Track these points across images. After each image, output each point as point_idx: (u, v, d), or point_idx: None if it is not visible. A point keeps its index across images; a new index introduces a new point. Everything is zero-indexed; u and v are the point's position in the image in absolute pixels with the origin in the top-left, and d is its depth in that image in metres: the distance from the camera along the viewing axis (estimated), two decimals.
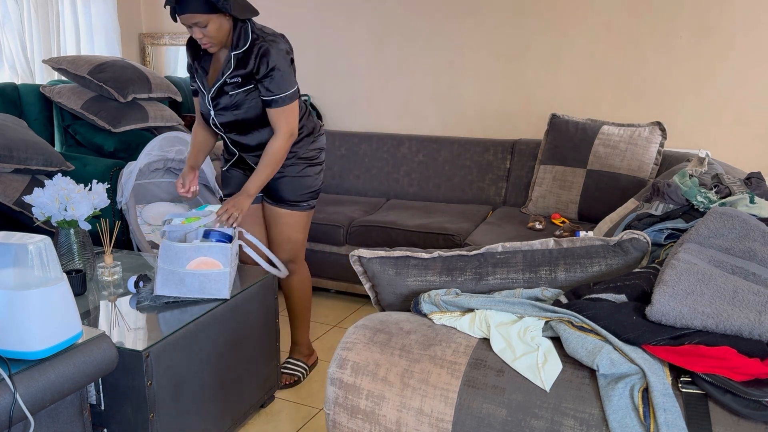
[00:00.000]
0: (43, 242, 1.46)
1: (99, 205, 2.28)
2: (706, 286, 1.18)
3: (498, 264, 1.44)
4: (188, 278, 2.10)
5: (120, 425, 1.88)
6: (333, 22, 4.12)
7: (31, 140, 3.06)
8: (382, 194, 3.90)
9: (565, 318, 1.25)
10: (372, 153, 3.94)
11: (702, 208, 1.73)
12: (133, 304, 2.12)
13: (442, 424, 1.19)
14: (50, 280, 1.46)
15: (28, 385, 1.42)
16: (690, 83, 3.38)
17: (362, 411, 1.27)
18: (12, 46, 3.82)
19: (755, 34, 3.21)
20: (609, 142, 3.12)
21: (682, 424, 1.04)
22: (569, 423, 1.11)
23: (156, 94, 3.87)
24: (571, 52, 3.59)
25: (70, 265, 2.25)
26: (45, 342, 1.46)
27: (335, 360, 1.32)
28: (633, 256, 1.42)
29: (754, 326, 1.12)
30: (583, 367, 1.18)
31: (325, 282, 3.51)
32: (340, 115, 4.24)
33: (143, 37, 4.67)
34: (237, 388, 2.24)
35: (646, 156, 3.03)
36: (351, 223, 3.38)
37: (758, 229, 1.37)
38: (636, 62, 3.46)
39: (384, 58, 4.03)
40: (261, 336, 2.35)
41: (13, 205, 2.92)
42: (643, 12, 3.39)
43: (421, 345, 1.28)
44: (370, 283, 1.52)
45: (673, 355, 1.14)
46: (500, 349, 1.23)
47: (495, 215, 3.32)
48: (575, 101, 3.63)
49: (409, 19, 3.91)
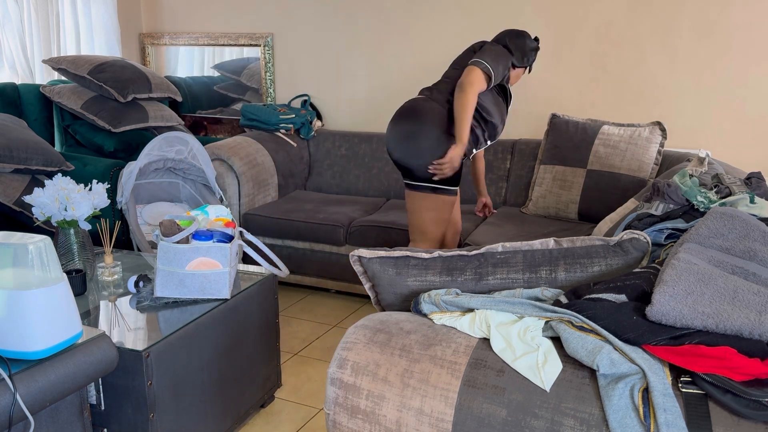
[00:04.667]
0: (43, 242, 1.46)
1: (99, 205, 2.28)
2: (706, 286, 1.18)
3: (498, 264, 1.44)
4: (188, 279, 2.10)
5: (120, 425, 1.88)
6: (333, 22, 4.12)
7: (31, 140, 3.06)
8: (382, 194, 3.90)
9: (566, 318, 1.25)
10: (372, 153, 3.94)
11: (702, 208, 1.73)
12: (133, 304, 2.12)
13: (442, 424, 1.19)
14: (50, 280, 1.46)
15: (28, 385, 1.42)
16: (690, 83, 3.38)
17: (362, 411, 1.27)
18: (12, 46, 3.82)
19: (756, 34, 3.21)
20: (609, 142, 3.11)
21: (682, 424, 1.04)
22: (569, 423, 1.11)
23: (156, 94, 3.87)
24: (571, 52, 3.59)
25: (70, 265, 2.25)
26: (45, 342, 1.46)
27: (335, 360, 1.32)
28: (633, 256, 1.42)
29: (754, 326, 1.12)
30: (583, 367, 1.18)
31: (325, 282, 3.51)
32: (340, 115, 4.24)
33: (143, 37, 4.67)
34: (237, 388, 2.24)
35: (646, 156, 3.03)
36: (351, 223, 3.38)
37: (758, 229, 1.37)
38: (636, 62, 3.46)
39: (384, 58, 4.03)
40: (261, 336, 2.35)
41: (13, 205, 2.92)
42: (643, 12, 3.39)
43: (421, 345, 1.28)
44: (370, 283, 1.52)
45: (674, 355, 1.14)
46: (500, 349, 1.23)
47: (495, 215, 3.32)
48: (575, 101, 3.63)
49: (410, 19, 3.91)
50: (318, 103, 4.27)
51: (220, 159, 3.52)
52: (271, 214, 3.50)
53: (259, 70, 4.37)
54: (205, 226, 2.23)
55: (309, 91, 4.28)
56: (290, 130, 4.02)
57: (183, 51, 4.60)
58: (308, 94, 4.26)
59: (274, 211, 3.53)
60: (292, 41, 4.26)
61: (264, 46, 4.30)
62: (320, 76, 4.24)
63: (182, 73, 4.62)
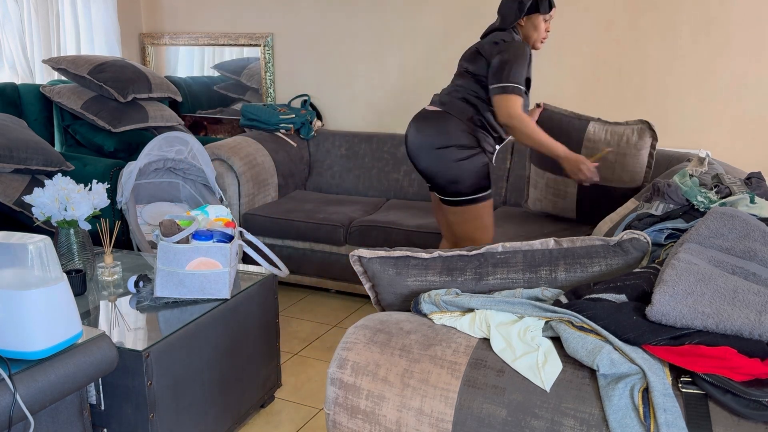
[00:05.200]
0: (43, 242, 1.46)
1: (99, 205, 2.28)
2: (706, 286, 1.18)
3: (498, 264, 1.44)
4: (188, 279, 2.10)
5: (120, 425, 1.88)
6: (333, 22, 4.12)
7: (31, 140, 3.06)
8: (382, 194, 3.90)
9: (566, 318, 1.25)
10: (372, 153, 3.94)
11: (702, 208, 1.73)
12: (133, 304, 2.12)
13: (442, 424, 1.19)
14: (50, 280, 1.46)
15: (28, 385, 1.42)
16: (690, 82, 3.38)
17: (362, 411, 1.27)
18: (12, 46, 3.82)
19: (756, 33, 3.21)
20: (597, 151, 2.91)
21: (682, 424, 1.04)
22: (569, 423, 1.11)
23: (156, 94, 3.87)
24: (571, 52, 3.59)
25: (70, 265, 2.25)
26: (45, 342, 1.46)
27: (335, 360, 1.32)
28: (633, 256, 1.42)
29: (754, 326, 1.12)
30: (583, 367, 1.18)
31: (325, 282, 3.51)
32: (340, 115, 4.24)
33: (143, 37, 4.67)
34: (237, 388, 2.24)
35: (637, 165, 2.84)
36: (351, 223, 3.38)
37: (758, 229, 1.37)
38: (636, 61, 3.46)
39: (384, 58, 4.03)
40: (261, 336, 2.35)
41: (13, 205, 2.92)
42: (643, 10, 3.39)
43: (421, 345, 1.28)
44: (370, 283, 1.52)
45: (674, 355, 1.14)
46: (500, 349, 1.23)
47: (495, 215, 3.32)
48: (575, 100, 3.63)
49: (410, 19, 3.91)
50: (318, 103, 4.27)
51: (220, 159, 3.52)
52: (271, 214, 3.50)
53: (259, 70, 4.37)
54: (205, 226, 2.23)
55: (309, 91, 4.28)
56: (290, 130, 4.02)
57: (183, 51, 4.60)
58: (308, 94, 4.26)
59: (274, 211, 3.53)
60: (292, 41, 4.26)
61: (264, 46, 4.30)
62: (320, 76, 4.24)
63: (182, 73, 4.62)
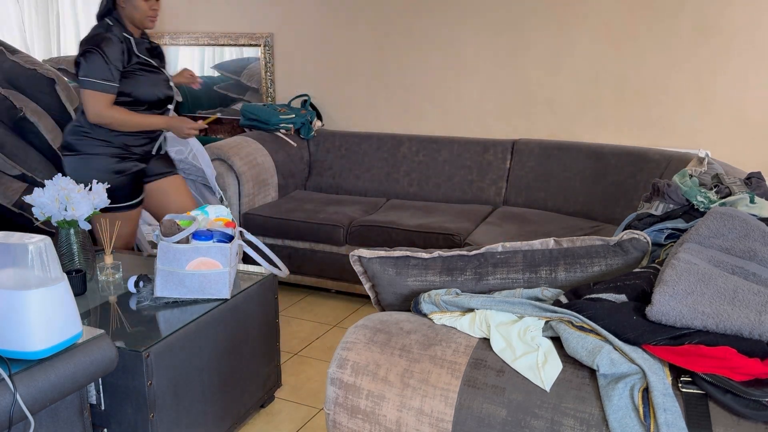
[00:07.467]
0: (43, 242, 1.46)
1: (99, 205, 2.28)
2: (706, 286, 1.18)
3: (498, 264, 1.44)
4: (188, 279, 2.10)
5: (120, 425, 1.88)
6: (333, 22, 4.12)
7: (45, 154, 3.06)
8: (382, 194, 3.90)
9: (565, 318, 1.25)
10: (372, 153, 3.94)
11: (702, 208, 1.73)
12: (133, 304, 2.12)
13: (442, 424, 1.19)
14: (50, 280, 1.46)
15: (28, 385, 1.42)
16: (690, 83, 3.38)
17: (362, 411, 1.27)
18: None
19: (755, 34, 3.21)
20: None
21: (682, 424, 1.04)
22: (569, 423, 1.11)
23: None
24: (571, 52, 3.59)
25: (70, 265, 2.25)
26: (45, 342, 1.46)
27: (335, 360, 1.32)
28: (633, 256, 1.42)
29: (754, 326, 1.12)
30: (583, 367, 1.18)
31: (325, 282, 3.51)
32: (340, 115, 4.24)
33: None
34: (237, 388, 2.23)
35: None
36: (351, 223, 3.38)
37: (758, 229, 1.37)
38: (636, 62, 3.46)
39: (384, 58, 4.03)
40: (261, 336, 2.35)
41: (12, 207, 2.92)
42: (643, 12, 3.39)
43: (421, 345, 1.28)
44: (370, 283, 1.52)
45: (673, 355, 1.14)
46: (500, 349, 1.23)
47: (495, 215, 3.32)
48: (575, 101, 3.63)
49: (410, 19, 3.91)
50: (318, 103, 4.27)
51: (220, 159, 3.52)
52: (271, 214, 3.50)
53: (259, 70, 4.37)
54: (205, 226, 2.23)
55: (309, 91, 4.28)
56: (290, 130, 4.02)
57: (183, 51, 4.60)
58: (308, 94, 4.26)
59: (274, 211, 3.53)
60: (292, 41, 4.26)
61: (264, 46, 4.30)
62: (320, 76, 4.24)
63: None
